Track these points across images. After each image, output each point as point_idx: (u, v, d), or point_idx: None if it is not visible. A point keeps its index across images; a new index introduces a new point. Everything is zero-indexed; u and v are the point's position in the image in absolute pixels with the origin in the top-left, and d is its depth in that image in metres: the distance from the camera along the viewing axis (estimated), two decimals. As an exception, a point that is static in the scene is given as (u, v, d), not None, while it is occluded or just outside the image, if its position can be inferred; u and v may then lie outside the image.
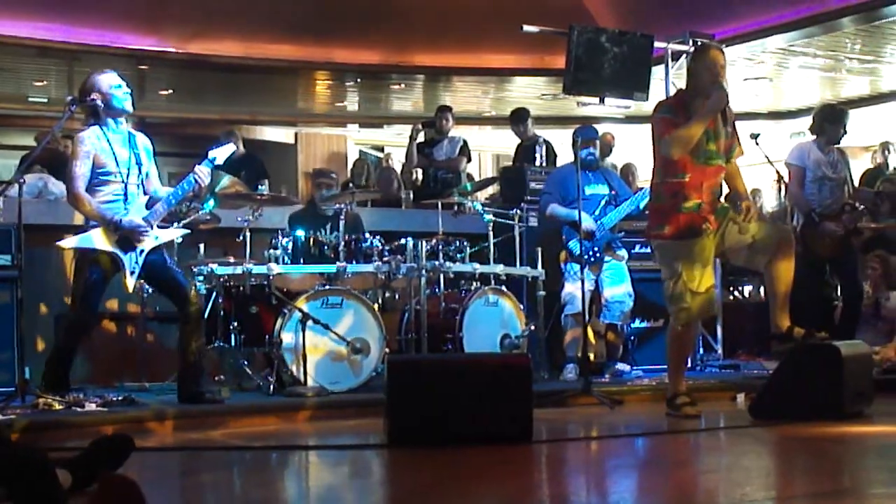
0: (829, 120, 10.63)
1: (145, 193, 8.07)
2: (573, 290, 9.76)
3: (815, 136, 10.68)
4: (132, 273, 7.87)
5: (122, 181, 7.90)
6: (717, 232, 7.58)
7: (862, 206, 10.74)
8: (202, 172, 8.03)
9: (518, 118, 13.20)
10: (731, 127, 7.77)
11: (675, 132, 7.40)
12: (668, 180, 7.57)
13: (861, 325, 10.71)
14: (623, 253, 10.30)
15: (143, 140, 8.16)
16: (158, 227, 8.07)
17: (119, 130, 7.99)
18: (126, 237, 7.83)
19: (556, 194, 10.24)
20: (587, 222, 9.81)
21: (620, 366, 10.37)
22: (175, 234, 8.41)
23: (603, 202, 10.17)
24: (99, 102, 7.90)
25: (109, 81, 7.98)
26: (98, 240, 7.79)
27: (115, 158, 7.87)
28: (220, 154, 8.17)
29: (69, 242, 7.91)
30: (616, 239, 10.26)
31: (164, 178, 17.93)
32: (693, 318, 7.74)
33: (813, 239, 10.36)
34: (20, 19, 13.43)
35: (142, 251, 7.90)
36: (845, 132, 10.75)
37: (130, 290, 8.02)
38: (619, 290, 10.16)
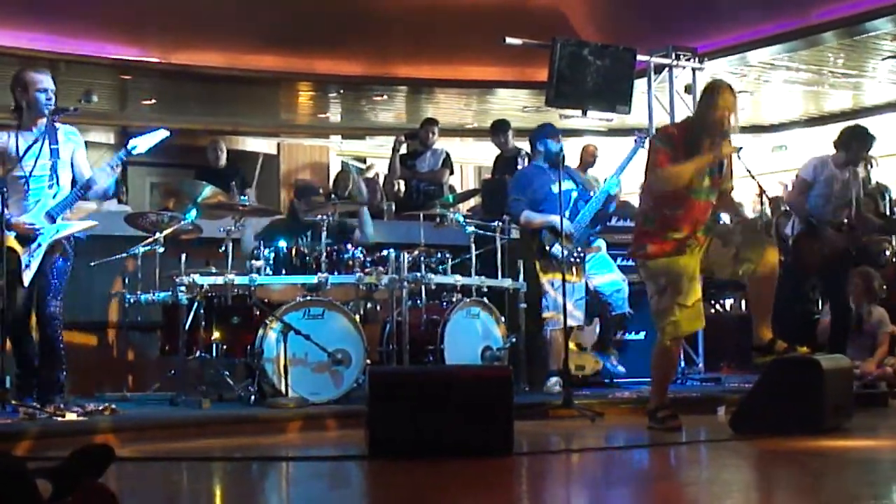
0: (859, 140, 10.52)
1: (73, 185, 8.03)
2: (557, 300, 9.65)
3: (835, 151, 10.59)
4: (27, 266, 7.83)
5: (26, 177, 7.86)
6: (702, 247, 7.58)
7: (862, 232, 10.77)
8: (108, 166, 8.02)
9: (499, 129, 13.20)
10: (730, 165, 7.80)
11: (667, 168, 7.41)
12: (661, 210, 7.57)
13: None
14: (599, 243, 10.19)
15: (66, 132, 8.13)
16: (66, 219, 8.05)
17: (37, 126, 7.99)
18: (22, 235, 7.81)
19: (524, 199, 10.10)
20: (565, 225, 9.69)
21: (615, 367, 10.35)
22: (80, 226, 8.19)
23: (573, 199, 10.06)
24: (23, 102, 7.95)
25: (37, 84, 8.01)
26: None
27: (22, 156, 7.85)
28: (143, 142, 8.05)
29: None
30: (592, 234, 10.13)
31: (147, 189, 17.98)
32: (681, 332, 7.73)
33: (807, 249, 10.37)
34: (2, 28, 13.40)
35: (39, 245, 7.87)
36: (864, 158, 10.76)
37: (26, 283, 7.86)
38: (610, 278, 10.10)
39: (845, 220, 10.52)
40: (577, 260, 9.90)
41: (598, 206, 9.99)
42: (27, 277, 7.86)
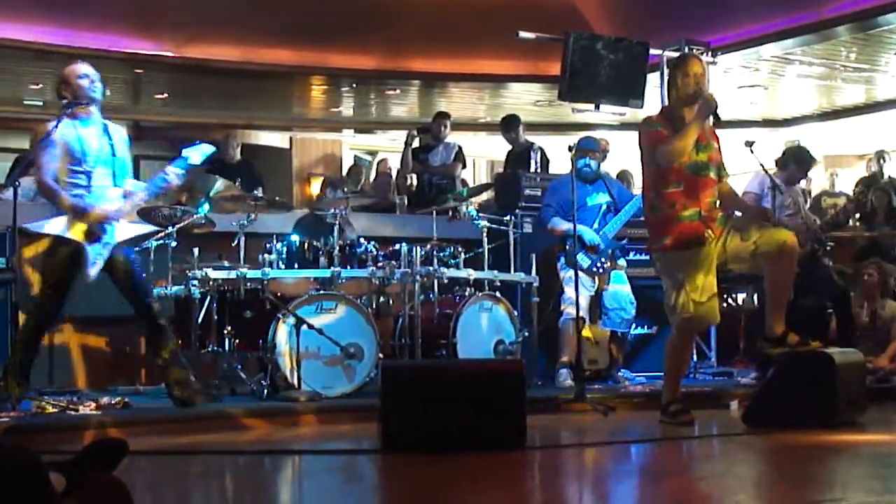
0: (798, 161, 10.64)
1: (118, 186, 8.00)
2: (572, 295, 9.68)
3: (777, 170, 10.66)
4: (93, 264, 7.67)
5: (88, 171, 7.77)
6: (719, 241, 7.56)
7: (815, 227, 10.77)
8: (173, 172, 7.98)
9: (509, 125, 13.22)
10: (717, 143, 7.78)
11: (669, 141, 7.41)
12: (663, 191, 7.55)
13: (857, 335, 10.70)
14: (622, 262, 10.32)
15: (119, 131, 8.08)
16: (128, 223, 8.01)
17: (90, 121, 7.91)
18: (92, 229, 7.73)
19: (555, 206, 10.25)
20: (590, 236, 9.88)
21: (624, 373, 10.37)
22: (143, 229, 8.27)
23: (602, 211, 10.17)
24: (67, 95, 7.88)
25: (76, 72, 7.94)
26: (64, 227, 7.60)
27: (83, 149, 7.76)
28: (195, 154, 8.08)
29: (39, 227, 7.69)
30: (619, 248, 10.26)
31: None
32: (695, 327, 7.75)
33: None
34: (17, 22, 13.42)
35: (107, 244, 7.76)
36: (805, 177, 10.84)
37: (90, 280, 7.76)
38: (620, 289, 10.18)
39: (800, 224, 10.57)
40: (601, 271, 10.00)
41: (628, 218, 10.12)
42: (93, 273, 7.72)
